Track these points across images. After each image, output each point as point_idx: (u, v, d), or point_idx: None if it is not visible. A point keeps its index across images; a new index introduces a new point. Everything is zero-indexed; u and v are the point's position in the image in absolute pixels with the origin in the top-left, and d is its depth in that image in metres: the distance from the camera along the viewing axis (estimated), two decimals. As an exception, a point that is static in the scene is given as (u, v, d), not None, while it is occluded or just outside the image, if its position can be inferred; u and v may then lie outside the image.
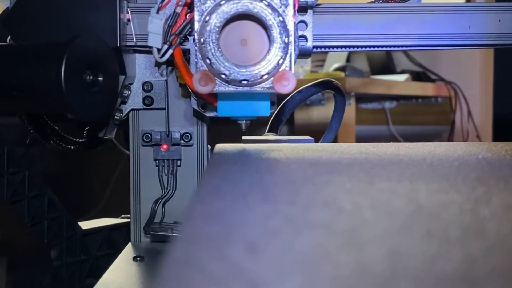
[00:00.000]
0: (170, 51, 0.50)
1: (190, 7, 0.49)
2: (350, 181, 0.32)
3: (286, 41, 0.44)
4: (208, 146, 0.63)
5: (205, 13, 0.44)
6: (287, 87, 0.44)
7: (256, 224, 0.22)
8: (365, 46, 0.57)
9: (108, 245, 0.69)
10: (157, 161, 0.62)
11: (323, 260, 0.17)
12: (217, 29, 0.44)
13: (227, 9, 0.44)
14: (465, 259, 0.19)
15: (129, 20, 0.55)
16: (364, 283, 0.16)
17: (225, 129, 0.68)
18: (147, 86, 0.60)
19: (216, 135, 0.65)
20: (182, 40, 0.50)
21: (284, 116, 0.71)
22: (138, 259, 0.55)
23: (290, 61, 0.45)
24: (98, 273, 0.60)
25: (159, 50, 0.50)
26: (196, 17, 0.44)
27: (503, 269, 0.18)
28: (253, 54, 0.45)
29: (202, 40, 0.44)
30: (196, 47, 0.45)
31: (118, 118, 0.59)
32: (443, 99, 1.94)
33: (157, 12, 0.49)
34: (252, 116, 0.50)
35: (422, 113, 1.91)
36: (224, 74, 0.44)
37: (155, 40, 0.50)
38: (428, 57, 1.98)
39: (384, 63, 1.95)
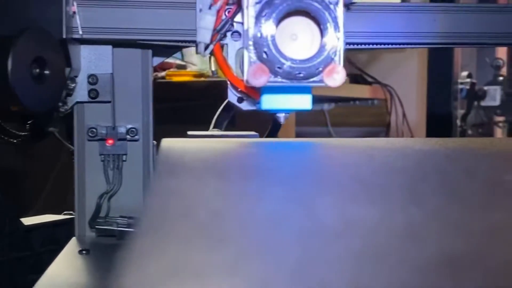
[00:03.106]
0: (211, 47, 0.52)
1: (229, 3, 0.52)
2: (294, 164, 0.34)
3: (338, 36, 0.46)
4: (154, 141, 0.64)
5: (262, 8, 0.46)
6: (337, 80, 0.46)
7: (215, 200, 0.23)
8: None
9: (51, 241, 0.68)
10: (102, 156, 0.62)
11: (278, 222, 0.19)
12: (275, 24, 0.46)
13: (284, 4, 0.45)
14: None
15: (74, 12, 0.55)
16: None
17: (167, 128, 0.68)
18: (92, 79, 0.60)
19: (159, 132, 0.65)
20: (222, 36, 0.52)
21: (229, 112, 0.72)
22: (84, 252, 0.55)
23: (339, 56, 0.47)
24: (41, 269, 0.59)
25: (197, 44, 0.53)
26: (251, 13, 0.46)
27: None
28: (302, 49, 0.47)
29: (259, 34, 0.45)
30: (250, 41, 0.46)
31: (63, 110, 0.59)
32: (379, 101, 2.00)
33: (210, 8, 0.51)
34: (294, 110, 0.52)
35: (360, 115, 1.96)
36: (280, 67, 0.45)
37: (204, 36, 0.52)
38: (365, 59, 2.03)
39: (323, 66, 1.98)
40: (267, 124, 0.78)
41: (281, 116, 0.54)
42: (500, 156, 0.41)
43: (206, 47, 0.52)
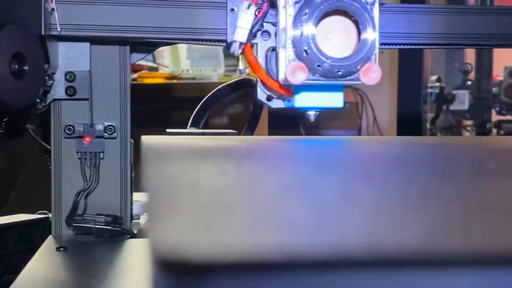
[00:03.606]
0: (242, 46, 0.53)
1: (258, 3, 0.53)
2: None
3: (375, 36, 0.48)
4: (131, 140, 0.64)
5: (302, 8, 0.46)
6: (374, 79, 0.48)
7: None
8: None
9: (25, 240, 0.68)
10: (79, 154, 0.62)
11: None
12: (315, 23, 0.47)
13: (325, 4, 0.46)
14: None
15: (53, 9, 0.55)
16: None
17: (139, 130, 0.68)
18: (70, 76, 0.60)
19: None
20: (252, 37, 0.53)
21: (206, 111, 0.72)
22: (62, 249, 0.54)
23: (376, 55, 0.48)
24: (15, 269, 0.59)
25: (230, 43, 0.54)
26: (290, 12, 0.46)
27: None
28: (338, 48, 0.48)
29: (299, 33, 0.46)
30: (288, 40, 0.47)
31: (40, 107, 0.58)
32: (350, 105, 2.02)
33: (248, 7, 0.51)
34: (326, 107, 0.53)
35: (332, 118, 1.99)
36: (320, 65, 0.46)
37: (241, 35, 0.53)
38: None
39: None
40: (240, 124, 0.79)
41: (312, 114, 0.55)
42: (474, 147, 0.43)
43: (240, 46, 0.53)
